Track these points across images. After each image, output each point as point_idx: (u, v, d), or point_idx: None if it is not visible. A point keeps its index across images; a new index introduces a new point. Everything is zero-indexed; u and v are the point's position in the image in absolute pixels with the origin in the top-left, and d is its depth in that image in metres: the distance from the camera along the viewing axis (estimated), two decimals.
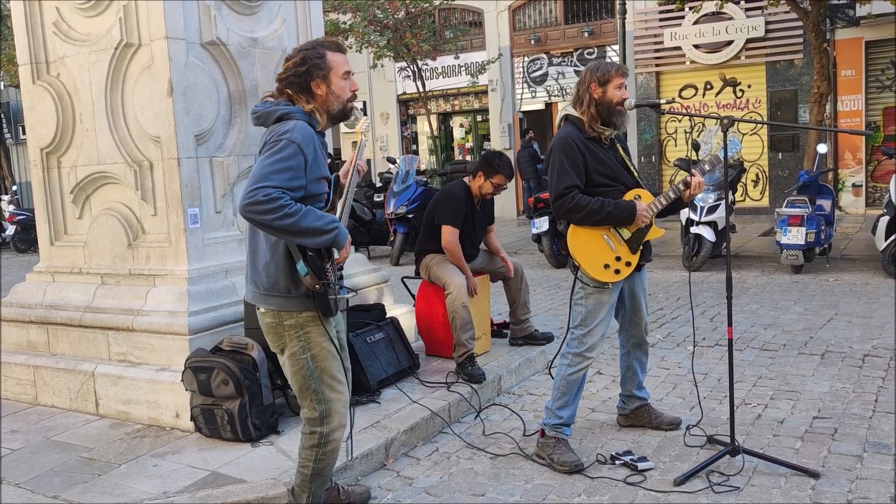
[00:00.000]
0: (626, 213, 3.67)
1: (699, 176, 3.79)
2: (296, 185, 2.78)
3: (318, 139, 2.93)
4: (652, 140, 15.27)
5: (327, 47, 2.98)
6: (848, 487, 3.41)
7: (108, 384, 4.54)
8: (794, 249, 8.48)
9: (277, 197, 2.69)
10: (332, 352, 3.00)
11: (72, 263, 5.07)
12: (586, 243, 3.71)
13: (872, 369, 5.08)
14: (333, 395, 3.01)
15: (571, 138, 3.71)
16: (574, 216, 3.67)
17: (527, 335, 5.64)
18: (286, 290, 2.94)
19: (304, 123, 2.88)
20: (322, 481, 3.13)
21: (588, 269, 3.70)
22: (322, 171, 2.92)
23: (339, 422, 3.03)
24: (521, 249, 11.72)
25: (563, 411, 3.83)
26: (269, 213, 2.68)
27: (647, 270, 4.04)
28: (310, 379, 2.99)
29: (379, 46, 14.83)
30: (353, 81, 3.03)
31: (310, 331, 2.97)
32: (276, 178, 2.72)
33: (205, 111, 4.61)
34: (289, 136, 2.80)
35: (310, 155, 2.83)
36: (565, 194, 3.63)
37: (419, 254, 5.37)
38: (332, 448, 3.05)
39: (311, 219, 2.75)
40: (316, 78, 2.93)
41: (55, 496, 3.57)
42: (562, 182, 3.65)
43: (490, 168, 5.19)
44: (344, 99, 3.00)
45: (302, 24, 5.27)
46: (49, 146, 5.05)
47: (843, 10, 13.08)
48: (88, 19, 4.75)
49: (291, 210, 2.71)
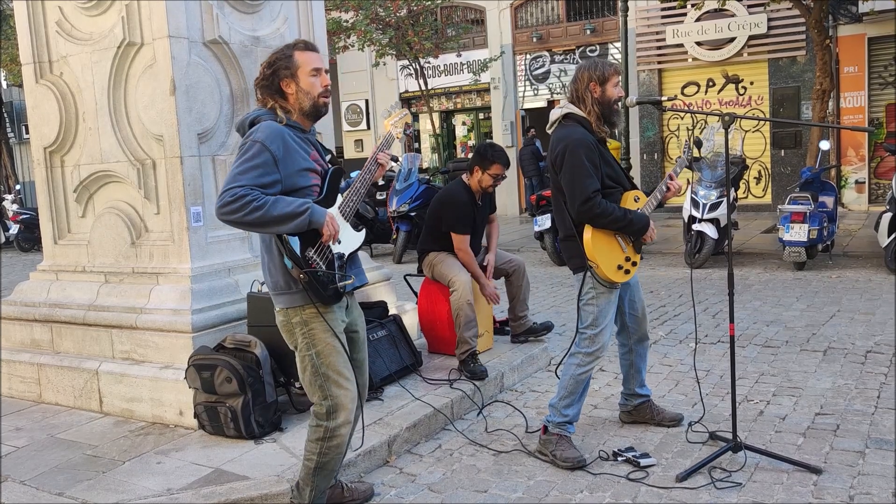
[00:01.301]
0: (643, 223, 3.75)
1: (677, 181, 3.96)
2: (268, 182, 2.86)
3: (293, 134, 2.98)
4: (654, 137, 15.26)
5: (295, 47, 3.04)
6: (850, 483, 3.42)
7: (111, 382, 4.56)
8: (796, 246, 8.48)
9: (243, 195, 2.78)
10: (336, 348, 3.02)
11: (75, 262, 5.08)
12: (604, 245, 3.72)
13: (875, 366, 5.08)
14: (339, 392, 3.03)
15: (587, 139, 3.69)
16: (599, 221, 3.67)
17: (526, 330, 5.65)
18: (286, 287, 3.01)
19: (269, 122, 2.95)
20: (326, 476, 3.14)
21: (605, 269, 3.71)
22: (303, 163, 2.98)
23: (346, 418, 3.05)
24: (523, 247, 11.72)
25: (568, 409, 3.84)
26: (237, 211, 2.78)
27: (647, 267, 4.04)
28: (316, 375, 3.03)
29: (381, 45, 14.84)
30: (323, 77, 3.04)
31: (314, 327, 3.00)
32: (243, 178, 2.82)
33: (207, 110, 4.63)
34: (252, 137, 2.90)
35: (277, 150, 2.88)
36: (593, 198, 3.62)
37: (422, 252, 5.38)
38: (338, 443, 3.07)
39: (281, 206, 2.81)
40: (284, 78, 3.00)
41: (59, 493, 3.59)
42: (589, 185, 3.62)
43: (484, 160, 5.18)
44: (314, 95, 3.02)
45: (304, 23, 5.28)
46: (52, 145, 5.06)
47: (846, 7, 13.06)
48: (91, 18, 4.76)
49: (259, 203, 2.78)
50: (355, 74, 18.08)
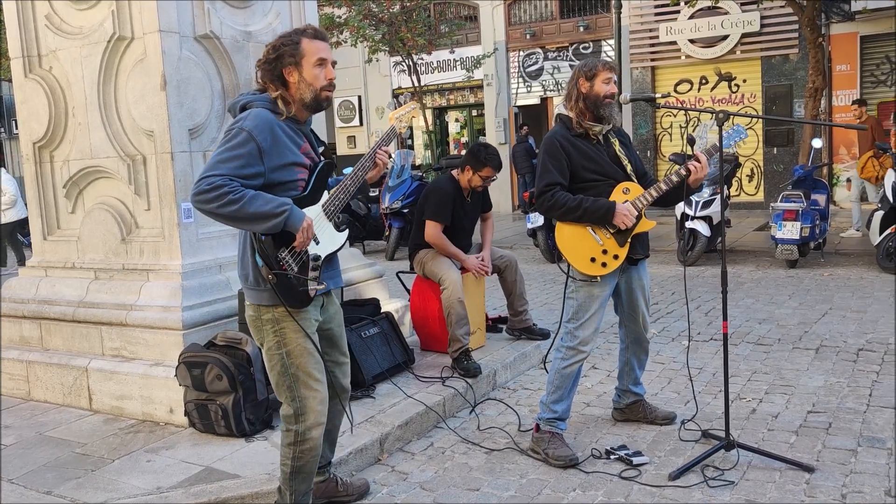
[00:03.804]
0: (602, 210, 3.67)
1: (704, 157, 3.74)
2: (249, 173, 2.73)
3: (283, 126, 2.86)
4: (647, 134, 15.27)
5: (304, 34, 2.90)
6: (842, 481, 3.42)
7: (101, 379, 4.52)
8: (788, 244, 8.49)
9: (221, 185, 2.65)
10: (308, 349, 2.93)
11: (65, 258, 5.04)
12: (572, 237, 3.74)
13: (867, 364, 5.09)
14: (309, 394, 2.95)
15: (556, 137, 3.77)
16: (554, 213, 3.74)
17: (525, 328, 5.64)
18: (255, 282, 2.90)
19: (260, 110, 2.82)
20: (304, 479, 3.07)
21: (574, 262, 3.72)
22: (290, 157, 2.85)
23: (315, 420, 2.97)
24: (516, 244, 11.71)
25: (557, 405, 3.83)
26: (212, 201, 2.65)
27: (645, 266, 4.02)
28: (284, 375, 2.94)
29: (374, 41, 14.79)
30: (328, 70, 2.90)
31: (285, 326, 2.90)
32: (223, 167, 2.69)
33: (198, 105, 4.59)
34: (240, 125, 2.77)
35: (264, 141, 2.76)
36: (545, 192, 3.70)
37: (413, 249, 5.36)
38: (310, 447, 2.99)
39: (259, 203, 2.68)
40: (287, 65, 2.85)
41: (48, 492, 3.56)
42: (542, 180, 3.73)
43: (477, 161, 5.17)
44: (317, 87, 2.88)
45: (296, 18, 5.24)
46: (41, 140, 5.02)
47: (839, 5, 13.09)
48: (81, 12, 4.72)
49: (235, 196, 2.65)
50: (348, 70, 18.02)
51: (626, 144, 3.93)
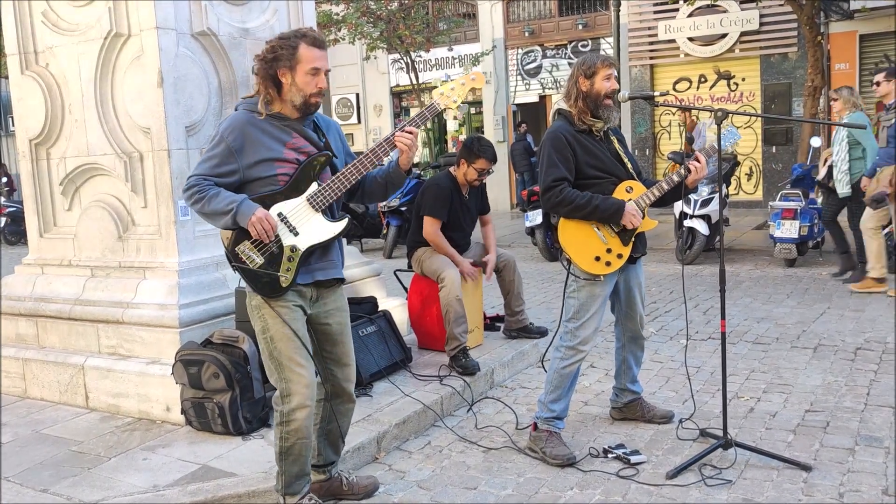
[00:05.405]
0: (612, 209, 3.64)
1: (703, 158, 3.75)
2: (223, 171, 2.96)
3: (264, 124, 2.99)
4: (646, 133, 15.26)
5: (304, 39, 2.99)
6: (840, 480, 3.41)
7: (97, 377, 4.51)
8: (787, 243, 8.49)
9: (194, 184, 2.93)
10: (286, 335, 3.03)
11: (61, 256, 5.03)
12: (577, 235, 3.70)
13: (864, 363, 5.08)
14: (292, 376, 3.04)
15: (560, 132, 3.71)
16: (562, 209, 3.67)
17: (521, 327, 5.63)
18: None
19: (237, 113, 3.04)
20: (294, 461, 3.13)
21: (579, 261, 3.69)
22: (265, 154, 2.99)
23: (300, 402, 3.04)
24: (514, 242, 11.70)
25: (555, 405, 3.82)
26: (189, 199, 2.96)
27: (641, 264, 4.01)
28: (270, 358, 3.08)
29: (372, 38, 14.76)
30: (321, 79, 3.01)
31: (264, 313, 3.05)
32: (201, 167, 2.98)
33: (195, 102, 4.58)
34: (218, 127, 3.04)
35: (234, 141, 2.95)
36: (553, 187, 3.63)
37: (411, 247, 5.35)
38: (295, 428, 3.06)
39: (215, 202, 2.90)
40: (282, 67, 2.98)
41: (44, 489, 3.55)
42: (550, 175, 3.65)
43: (471, 154, 5.17)
44: (307, 94, 3.00)
45: (294, 15, 5.23)
46: (38, 137, 5.00)
47: (838, 4, 13.08)
48: (77, 9, 4.70)
49: (201, 195, 2.92)
50: (346, 68, 17.99)
51: (622, 142, 3.92)
